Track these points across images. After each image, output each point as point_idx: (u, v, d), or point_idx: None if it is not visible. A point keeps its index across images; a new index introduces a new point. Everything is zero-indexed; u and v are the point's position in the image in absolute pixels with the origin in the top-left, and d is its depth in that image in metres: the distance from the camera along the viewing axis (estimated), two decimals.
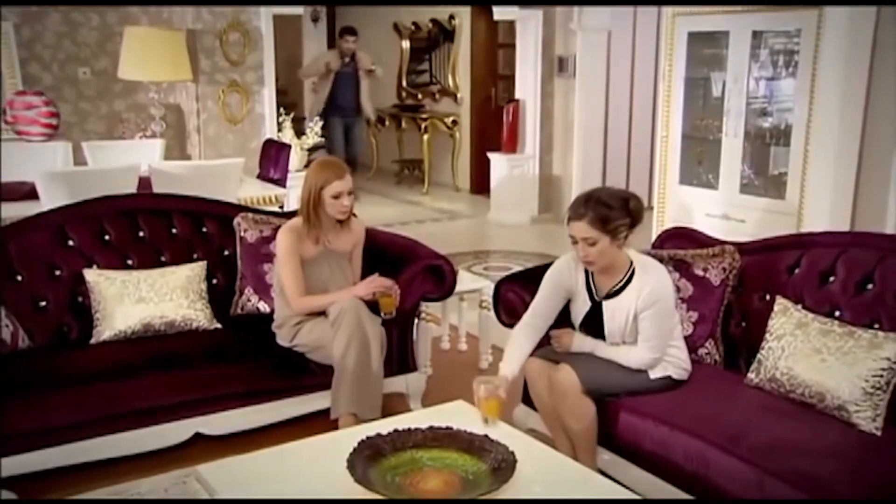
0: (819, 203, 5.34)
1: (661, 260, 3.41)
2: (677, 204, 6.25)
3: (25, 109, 6.30)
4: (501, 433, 2.71)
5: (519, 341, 3.16)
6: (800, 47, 5.25)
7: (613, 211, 2.95)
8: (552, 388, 3.10)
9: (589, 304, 3.14)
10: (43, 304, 3.64)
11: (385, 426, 2.70)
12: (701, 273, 3.39)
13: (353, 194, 3.59)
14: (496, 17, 8.45)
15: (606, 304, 3.10)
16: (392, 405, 3.85)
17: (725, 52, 5.73)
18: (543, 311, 3.18)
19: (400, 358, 3.88)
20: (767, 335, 3.08)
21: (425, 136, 10.12)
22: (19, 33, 6.77)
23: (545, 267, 3.68)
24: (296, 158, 6.62)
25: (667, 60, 6.16)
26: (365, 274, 3.73)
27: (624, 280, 3.06)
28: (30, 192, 4.77)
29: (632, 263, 3.08)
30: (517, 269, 5.42)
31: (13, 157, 5.61)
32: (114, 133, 7.06)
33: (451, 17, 10.09)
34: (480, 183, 9.56)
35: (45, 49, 6.91)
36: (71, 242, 3.77)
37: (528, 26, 8.26)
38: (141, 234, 3.94)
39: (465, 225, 8.63)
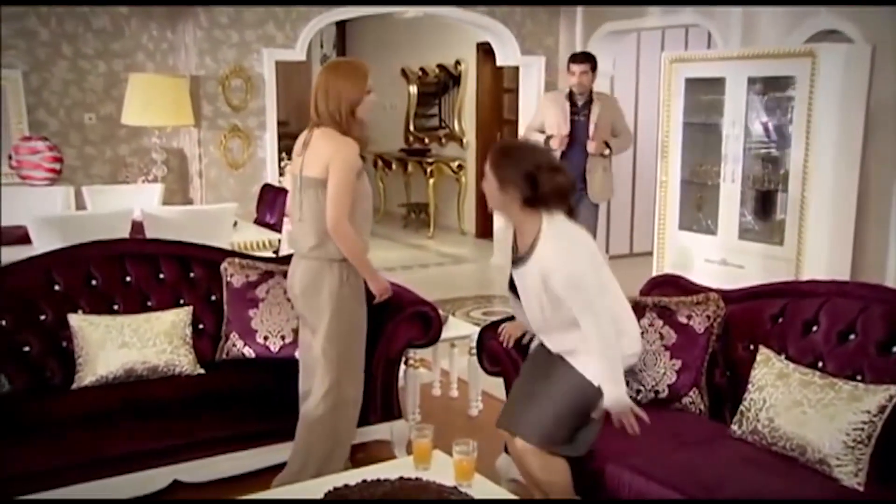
0: (818, 249, 5.30)
1: (645, 307, 3.39)
2: (677, 249, 6.22)
3: (30, 154, 6.38)
4: (476, 486, 2.67)
5: None
6: (795, 94, 5.24)
7: (514, 166, 2.82)
8: (517, 459, 3.07)
9: (510, 267, 2.99)
10: (27, 349, 3.64)
11: (355, 476, 2.66)
12: (684, 321, 3.34)
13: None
14: (499, 62, 8.52)
15: (515, 272, 2.94)
16: (376, 453, 3.81)
17: (723, 98, 5.74)
18: None
19: (384, 405, 3.84)
20: (750, 386, 3.03)
21: (431, 181, 10.17)
22: (28, 80, 6.88)
23: None
24: None
25: (665, 106, 6.18)
26: None
27: (527, 249, 2.87)
28: (23, 237, 4.80)
29: (539, 232, 2.84)
30: None
31: (15, 201, 5.67)
32: (118, 177, 7.12)
33: (458, 62, 10.19)
34: (486, 227, 9.56)
35: (53, 95, 7.01)
36: (57, 287, 3.78)
37: (530, 71, 8.32)
38: (128, 278, 3.94)
39: (468, 269, 8.62)
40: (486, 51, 9.21)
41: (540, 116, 6.25)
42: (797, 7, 5.82)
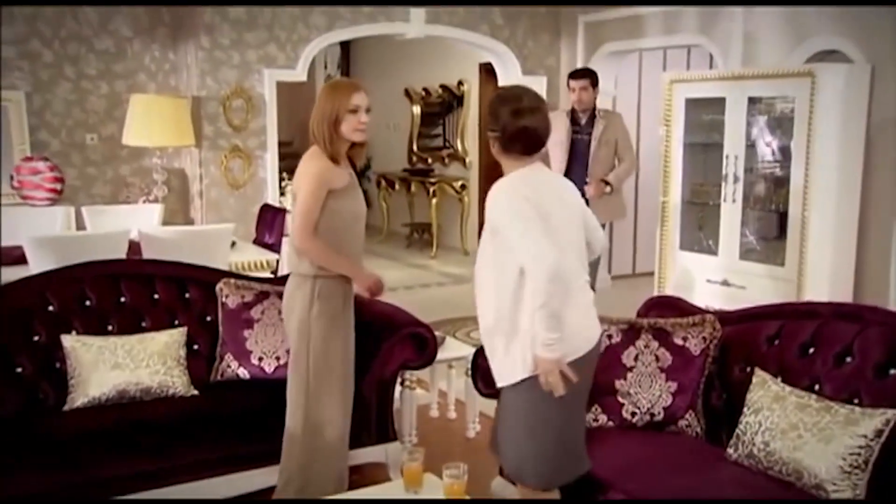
0: (819, 270, 5.26)
1: (640, 329, 3.35)
2: (678, 269, 6.18)
3: (31, 175, 6.40)
4: None
5: None
6: (795, 114, 5.22)
7: (494, 111, 2.78)
8: None
9: None
10: (19, 370, 3.62)
11: (344, 500, 2.63)
12: (680, 342, 3.31)
13: (370, 112, 3.24)
14: (501, 83, 8.53)
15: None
16: (371, 475, 3.77)
17: (724, 118, 5.72)
18: None
19: (379, 426, 3.81)
20: (745, 409, 2.99)
21: (433, 200, 10.17)
22: (30, 101, 6.91)
23: None
24: None
25: (665, 126, 6.17)
26: None
27: None
28: (22, 257, 4.80)
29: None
30: None
31: (15, 221, 5.67)
32: (119, 197, 7.14)
33: (460, 82, 10.21)
34: None
35: (55, 116, 7.04)
36: (51, 307, 3.77)
37: None
38: (122, 299, 3.93)
39: (470, 289, 8.51)
40: (488, 71, 9.23)
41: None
42: (797, 27, 5.82)
